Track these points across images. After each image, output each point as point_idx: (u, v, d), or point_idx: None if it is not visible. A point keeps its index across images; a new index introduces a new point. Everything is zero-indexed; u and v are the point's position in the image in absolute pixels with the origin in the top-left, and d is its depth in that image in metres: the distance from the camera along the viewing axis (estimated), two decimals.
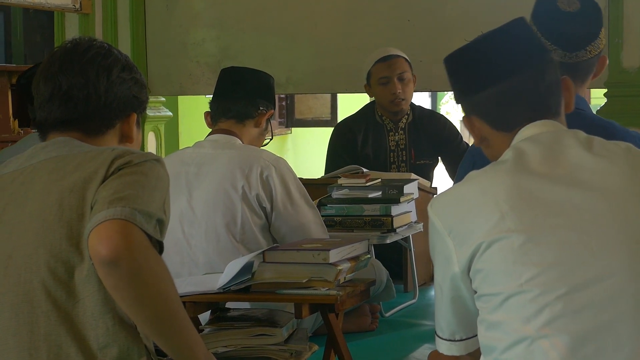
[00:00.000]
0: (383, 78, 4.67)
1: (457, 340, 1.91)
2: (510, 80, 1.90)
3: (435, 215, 1.86)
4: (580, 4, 2.51)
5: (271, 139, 3.65)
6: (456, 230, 1.81)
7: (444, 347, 1.93)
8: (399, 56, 4.69)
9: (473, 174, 1.88)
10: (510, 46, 1.93)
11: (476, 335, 1.87)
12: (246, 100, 3.50)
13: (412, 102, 4.83)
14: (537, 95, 1.91)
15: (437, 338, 1.95)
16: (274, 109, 3.62)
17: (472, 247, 1.79)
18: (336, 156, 4.81)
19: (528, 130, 1.89)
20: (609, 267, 1.74)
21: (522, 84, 1.90)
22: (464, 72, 1.96)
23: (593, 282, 1.73)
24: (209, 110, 3.57)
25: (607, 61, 2.63)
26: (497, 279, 1.76)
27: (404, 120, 4.80)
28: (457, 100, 2.00)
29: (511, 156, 1.85)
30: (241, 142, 3.47)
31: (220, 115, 3.52)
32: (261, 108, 3.53)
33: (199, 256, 3.35)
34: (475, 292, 1.82)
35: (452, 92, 2.02)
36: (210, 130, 3.55)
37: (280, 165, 3.38)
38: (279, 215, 3.35)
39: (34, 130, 3.60)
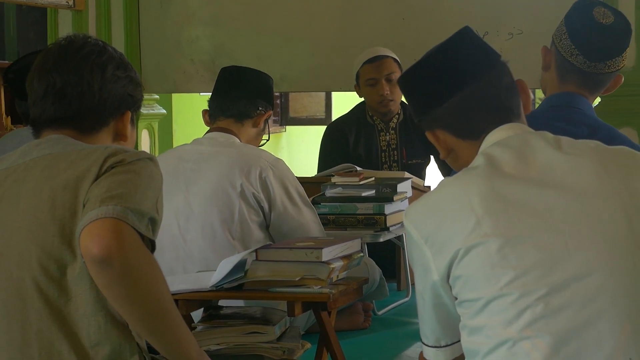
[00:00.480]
0: (371, 79, 4.65)
1: (443, 347, 1.90)
2: (469, 88, 1.90)
3: (411, 224, 1.84)
4: (614, 19, 2.55)
5: (268, 140, 3.65)
6: (432, 238, 1.81)
7: (430, 354, 1.93)
8: (387, 57, 4.66)
9: (445, 180, 1.88)
10: (463, 55, 1.93)
11: None
12: (246, 100, 3.51)
13: (402, 101, 4.82)
14: (498, 98, 1.91)
15: (423, 345, 1.95)
16: (273, 109, 3.62)
17: (449, 254, 1.78)
18: (328, 157, 4.78)
19: (495, 135, 1.89)
20: (586, 265, 1.74)
21: (482, 89, 1.90)
22: (423, 88, 1.96)
23: (572, 281, 1.73)
24: (206, 108, 3.58)
25: (622, 80, 2.65)
26: (477, 284, 1.76)
27: (395, 120, 4.79)
28: (418, 117, 1.98)
29: (482, 161, 1.85)
30: (240, 141, 3.47)
31: (219, 114, 3.52)
32: (260, 108, 3.53)
33: (194, 252, 3.35)
34: (456, 298, 1.81)
35: (412, 111, 2.01)
36: (206, 128, 3.56)
37: (278, 166, 3.39)
38: (279, 216, 3.36)
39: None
